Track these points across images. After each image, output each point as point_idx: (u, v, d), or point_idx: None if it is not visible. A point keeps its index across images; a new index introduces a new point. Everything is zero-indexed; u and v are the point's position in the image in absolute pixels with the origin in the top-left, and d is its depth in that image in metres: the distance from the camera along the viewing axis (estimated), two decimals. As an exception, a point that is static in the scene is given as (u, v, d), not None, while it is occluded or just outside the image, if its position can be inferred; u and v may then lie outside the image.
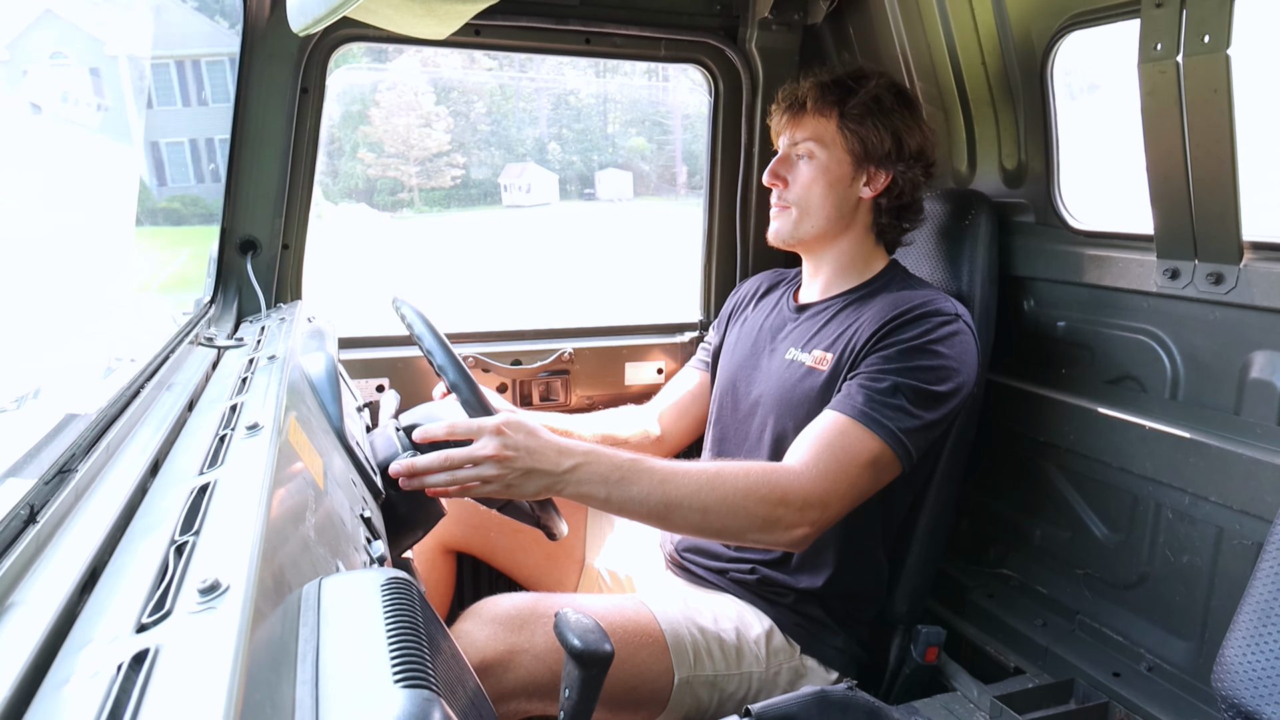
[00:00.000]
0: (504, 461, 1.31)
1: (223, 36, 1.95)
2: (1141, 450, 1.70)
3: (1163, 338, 1.73)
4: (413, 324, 1.52)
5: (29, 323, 1.58)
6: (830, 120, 1.71)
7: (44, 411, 1.14)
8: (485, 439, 1.32)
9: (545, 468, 1.34)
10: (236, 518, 0.74)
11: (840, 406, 1.54)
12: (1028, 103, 1.94)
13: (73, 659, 0.58)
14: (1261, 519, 1.49)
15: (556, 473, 1.34)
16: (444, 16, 1.31)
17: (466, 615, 1.48)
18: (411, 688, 0.57)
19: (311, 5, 1.17)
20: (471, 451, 1.32)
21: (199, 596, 0.62)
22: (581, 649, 1.02)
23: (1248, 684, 1.23)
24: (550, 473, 1.34)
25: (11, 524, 0.74)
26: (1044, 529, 1.97)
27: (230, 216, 2.02)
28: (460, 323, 2.30)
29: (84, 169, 2.03)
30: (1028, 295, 2.03)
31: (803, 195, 1.73)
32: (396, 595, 0.69)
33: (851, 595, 1.72)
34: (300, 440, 1.02)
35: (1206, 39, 1.42)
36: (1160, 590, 1.71)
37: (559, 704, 1.07)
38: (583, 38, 2.21)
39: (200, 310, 1.93)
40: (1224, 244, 1.55)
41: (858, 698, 1.37)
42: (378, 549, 1.01)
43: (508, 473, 1.32)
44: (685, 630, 1.59)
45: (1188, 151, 1.52)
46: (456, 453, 1.32)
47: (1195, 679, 1.63)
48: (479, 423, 1.34)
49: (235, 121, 1.96)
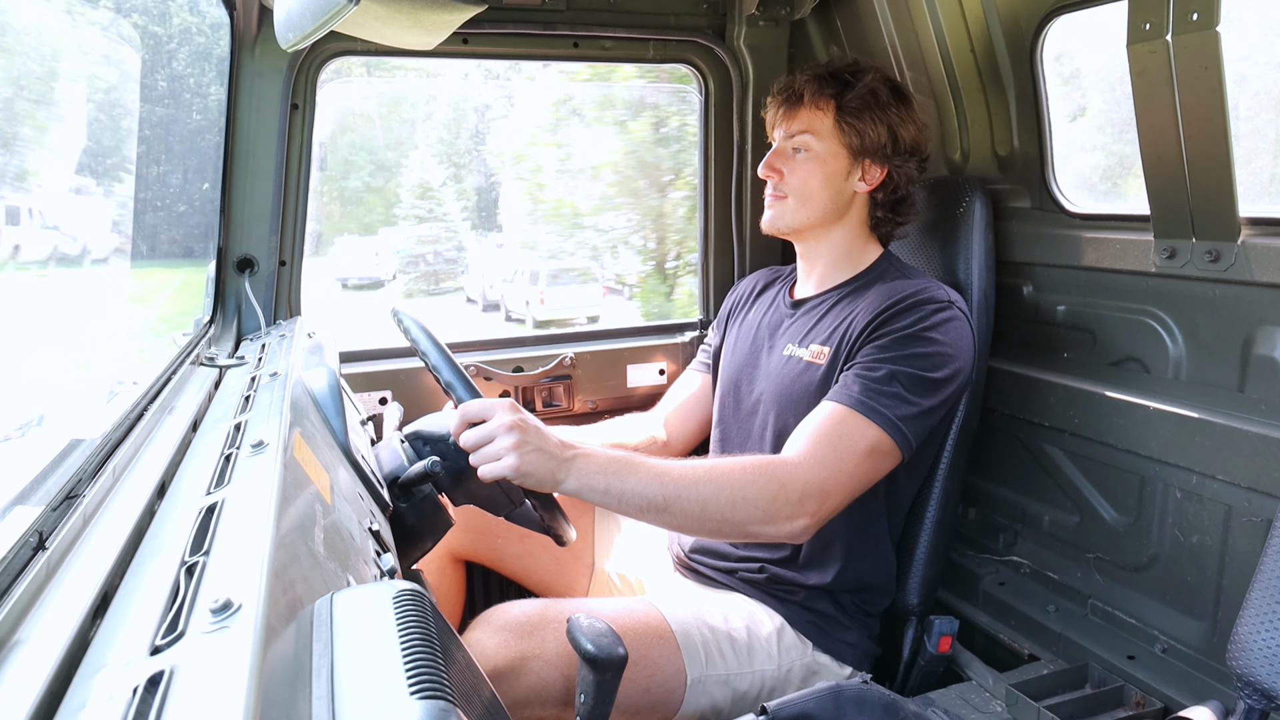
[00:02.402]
0: (519, 430, 1.33)
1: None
2: (1147, 431, 1.70)
3: (1163, 318, 1.73)
4: (412, 334, 1.52)
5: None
6: (827, 113, 1.71)
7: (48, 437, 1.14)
8: (500, 414, 1.35)
9: (551, 451, 1.36)
10: (246, 536, 0.74)
11: (837, 396, 1.54)
12: (1019, 88, 1.94)
13: (88, 684, 0.58)
14: (1270, 495, 1.49)
15: (560, 459, 1.36)
16: (431, 27, 1.31)
17: (476, 624, 1.48)
18: (428, 699, 0.57)
19: (299, 20, 1.17)
20: (488, 429, 1.34)
21: (211, 616, 0.62)
22: (595, 653, 1.02)
23: (1263, 661, 1.23)
24: (555, 457, 1.36)
25: (21, 552, 0.74)
26: (1052, 514, 1.97)
27: (226, 235, 2.02)
28: (461, 332, 2.30)
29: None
30: (1026, 280, 2.02)
31: (799, 186, 1.73)
32: (409, 607, 0.69)
33: (861, 589, 1.72)
34: (306, 456, 1.02)
35: (1195, 16, 1.42)
36: (1171, 571, 1.71)
37: (575, 710, 1.07)
38: (571, 42, 2.21)
39: (200, 330, 1.93)
40: (1221, 221, 1.55)
41: (873, 691, 1.37)
42: (387, 562, 1.01)
43: (523, 445, 1.33)
44: (696, 630, 1.58)
45: (1181, 131, 1.52)
46: (473, 431, 1.35)
47: (1210, 658, 1.63)
48: (491, 401, 1.38)
49: (226, 139, 1.96)
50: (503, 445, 1.33)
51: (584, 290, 12.11)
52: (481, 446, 1.35)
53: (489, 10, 1.88)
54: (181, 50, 2.24)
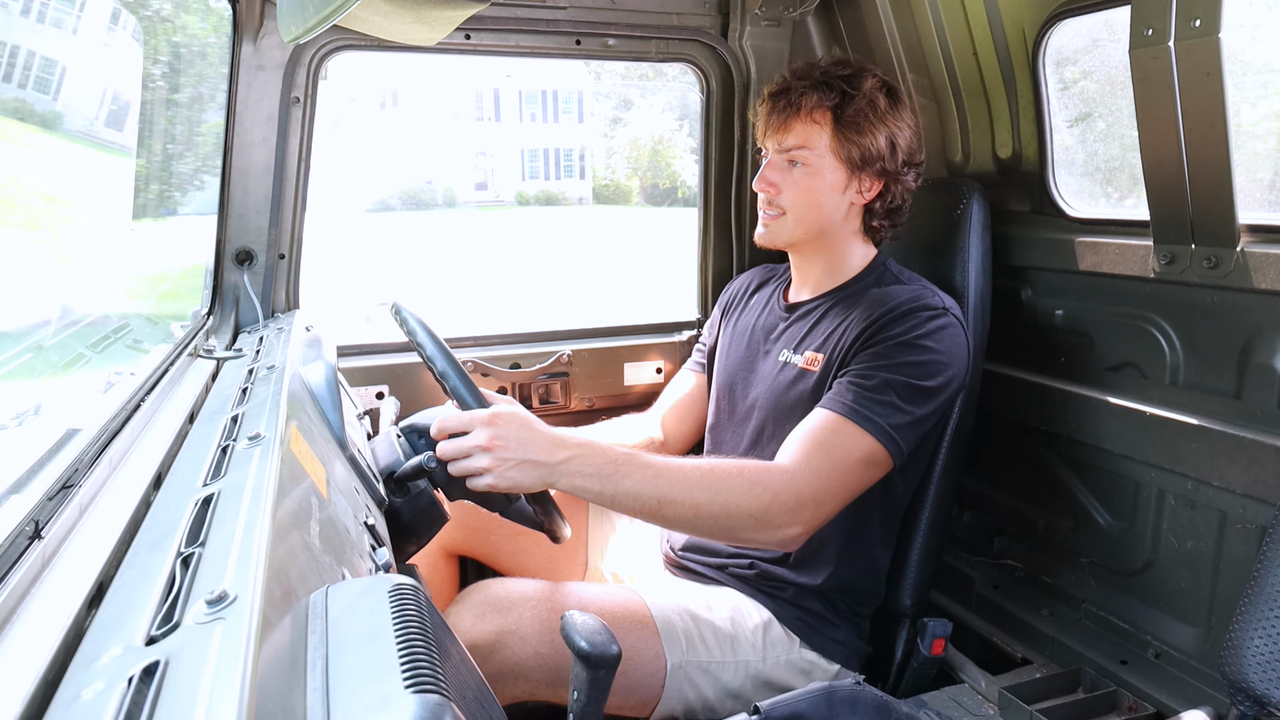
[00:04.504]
0: (494, 451, 1.32)
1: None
2: (1143, 437, 1.70)
3: (1162, 324, 1.73)
4: (411, 329, 1.52)
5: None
6: (824, 126, 1.67)
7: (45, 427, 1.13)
8: (476, 430, 1.34)
9: (539, 458, 1.34)
10: (242, 528, 0.74)
11: (830, 404, 1.54)
12: (1020, 91, 1.94)
13: (83, 674, 0.58)
14: (1265, 503, 1.49)
15: (550, 464, 1.35)
16: (433, 22, 1.31)
17: (457, 601, 1.50)
18: (423, 693, 0.57)
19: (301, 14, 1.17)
20: (460, 444, 1.33)
21: (207, 608, 0.62)
22: (589, 650, 1.02)
23: (1256, 668, 1.23)
24: (544, 463, 1.35)
25: (17, 541, 0.74)
26: (1047, 518, 1.97)
27: (225, 227, 2.02)
28: (458, 327, 2.30)
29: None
30: (1025, 284, 2.03)
31: (796, 202, 1.70)
32: (403, 601, 0.69)
33: (852, 590, 1.72)
34: (302, 449, 1.02)
35: (1197, 23, 1.42)
36: (1165, 576, 1.71)
37: (568, 706, 1.07)
38: (573, 39, 2.21)
39: (198, 322, 1.93)
40: (1220, 228, 1.55)
41: (865, 692, 1.37)
42: (382, 556, 1.02)
43: (499, 464, 1.32)
44: (676, 616, 1.59)
45: (1182, 136, 1.52)
46: (448, 444, 1.34)
47: (1203, 664, 1.64)
48: (470, 415, 1.36)
49: (227, 131, 1.96)
50: (478, 464, 1.33)
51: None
52: (459, 460, 1.34)
53: (491, 7, 1.88)
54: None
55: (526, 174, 14.79)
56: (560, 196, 15.20)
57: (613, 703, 1.51)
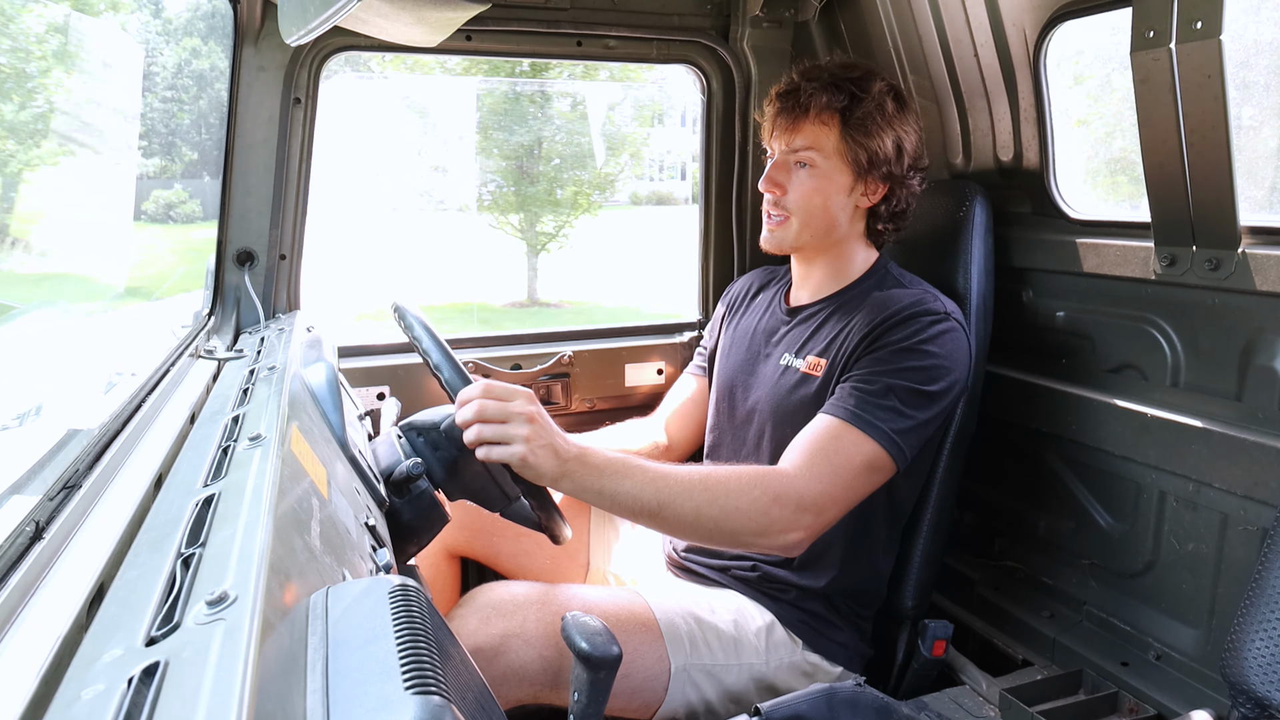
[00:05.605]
0: (534, 424, 1.31)
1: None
2: (1144, 438, 1.70)
3: (1163, 325, 1.73)
4: (411, 329, 1.52)
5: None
6: (832, 129, 1.67)
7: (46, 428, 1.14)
8: (521, 400, 1.33)
9: (559, 450, 1.34)
10: (242, 529, 0.74)
11: (833, 410, 1.54)
12: (1022, 93, 1.94)
13: (83, 674, 0.58)
14: (1266, 504, 1.49)
15: (564, 457, 1.34)
16: (434, 24, 1.31)
17: (460, 605, 1.49)
18: (423, 694, 0.57)
19: (302, 15, 1.17)
20: (506, 407, 1.31)
21: (207, 608, 0.61)
22: (590, 651, 1.02)
23: (1257, 670, 1.23)
24: (560, 454, 1.34)
25: (18, 541, 0.74)
26: (1048, 520, 1.97)
27: (226, 228, 2.02)
28: (459, 328, 2.30)
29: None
30: (1026, 286, 2.03)
31: (802, 205, 1.70)
32: (404, 602, 0.69)
33: (855, 593, 1.72)
34: (303, 450, 1.02)
35: (1199, 25, 1.42)
36: (1166, 578, 1.71)
37: (569, 708, 1.07)
38: (574, 41, 2.21)
39: (199, 323, 1.93)
40: (1221, 230, 1.55)
41: (866, 694, 1.37)
42: (383, 557, 1.01)
43: (536, 437, 1.31)
44: (680, 619, 1.59)
45: (1183, 138, 1.52)
46: (493, 404, 1.32)
47: (1204, 666, 1.63)
48: (514, 386, 1.35)
49: (228, 132, 1.96)
50: (517, 431, 1.30)
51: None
52: (493, 423, 1.31)
53: (492, 8, 1.87)
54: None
55: (644, 176, 15.16)
56: (670, 196, 15.45)
57: (616, 705, 1.51)
